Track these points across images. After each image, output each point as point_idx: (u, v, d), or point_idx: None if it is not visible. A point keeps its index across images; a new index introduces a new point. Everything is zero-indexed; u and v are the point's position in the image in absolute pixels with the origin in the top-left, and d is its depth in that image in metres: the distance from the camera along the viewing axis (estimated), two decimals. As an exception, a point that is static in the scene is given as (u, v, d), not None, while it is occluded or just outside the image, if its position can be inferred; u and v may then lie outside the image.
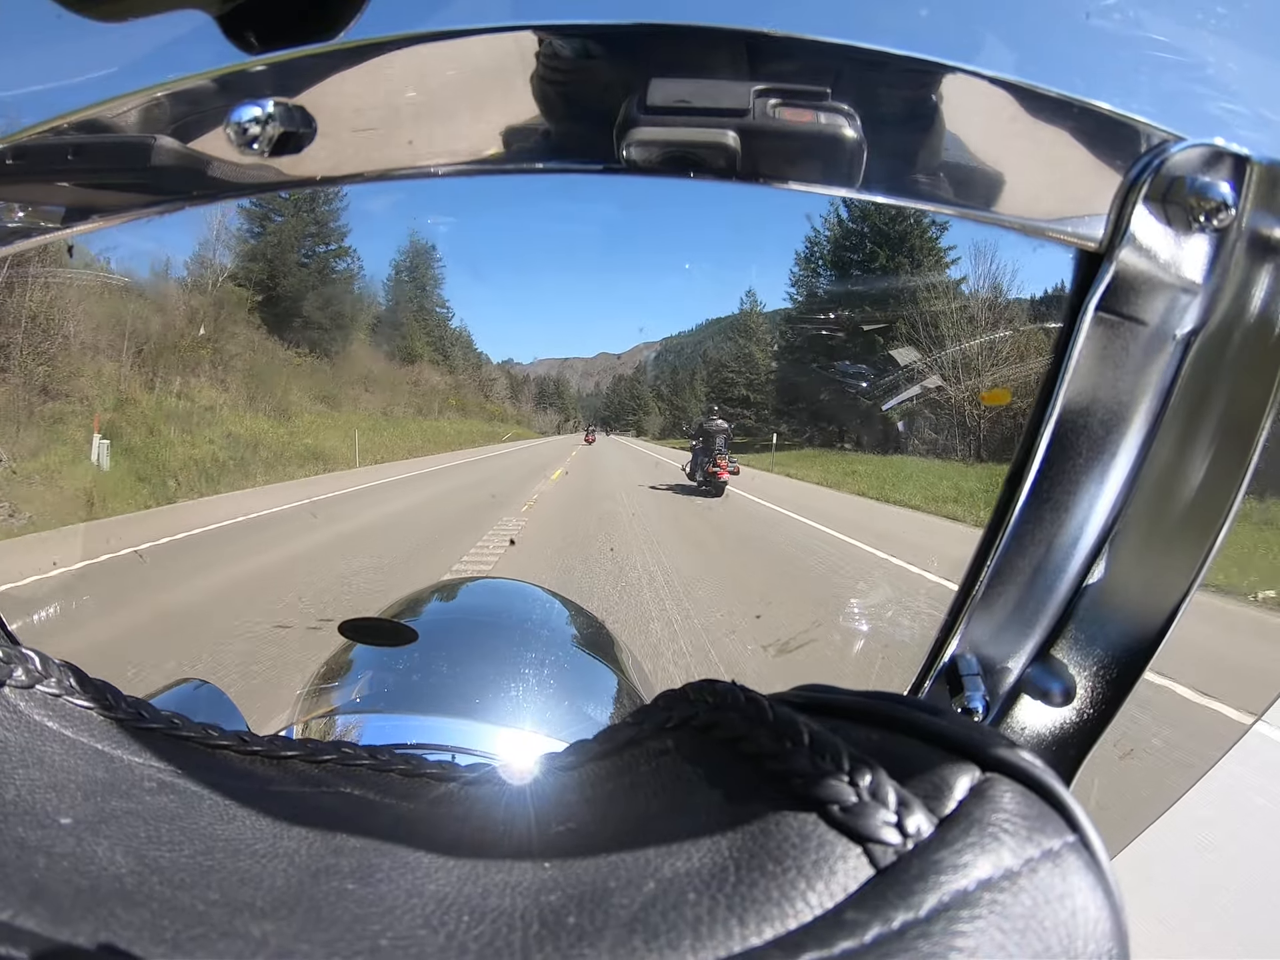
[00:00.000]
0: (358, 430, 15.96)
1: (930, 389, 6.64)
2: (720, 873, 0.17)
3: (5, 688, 0.25)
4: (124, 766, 0.24)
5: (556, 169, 0.36)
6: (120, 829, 0.20)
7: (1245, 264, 0.35)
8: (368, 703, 0.66)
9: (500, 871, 0.19)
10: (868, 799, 0.18)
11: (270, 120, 0.34)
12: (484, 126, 0.35)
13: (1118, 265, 0.36)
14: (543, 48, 0.33)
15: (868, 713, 0.22)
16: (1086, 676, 0.42)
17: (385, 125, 0.35)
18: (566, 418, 49.68)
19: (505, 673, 0.69)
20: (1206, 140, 0.34)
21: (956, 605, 0.44)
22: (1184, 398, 0.38)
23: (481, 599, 1.03)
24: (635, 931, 0.16)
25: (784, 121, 0.33)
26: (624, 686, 0.78)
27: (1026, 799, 0.18)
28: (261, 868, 0.19)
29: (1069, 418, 0.39)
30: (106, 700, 0.26)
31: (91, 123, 0.36)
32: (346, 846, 0.21)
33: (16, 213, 0.39)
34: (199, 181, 0.36)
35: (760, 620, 4.08)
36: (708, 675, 0.25)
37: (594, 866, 0.19)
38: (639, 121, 0.33)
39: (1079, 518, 0.41)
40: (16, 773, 0.21)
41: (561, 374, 61.78)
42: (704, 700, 0.24)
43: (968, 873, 0.16)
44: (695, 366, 41.83)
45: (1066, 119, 0.34)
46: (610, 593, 4.44)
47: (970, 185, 0.35)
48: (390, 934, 0.17)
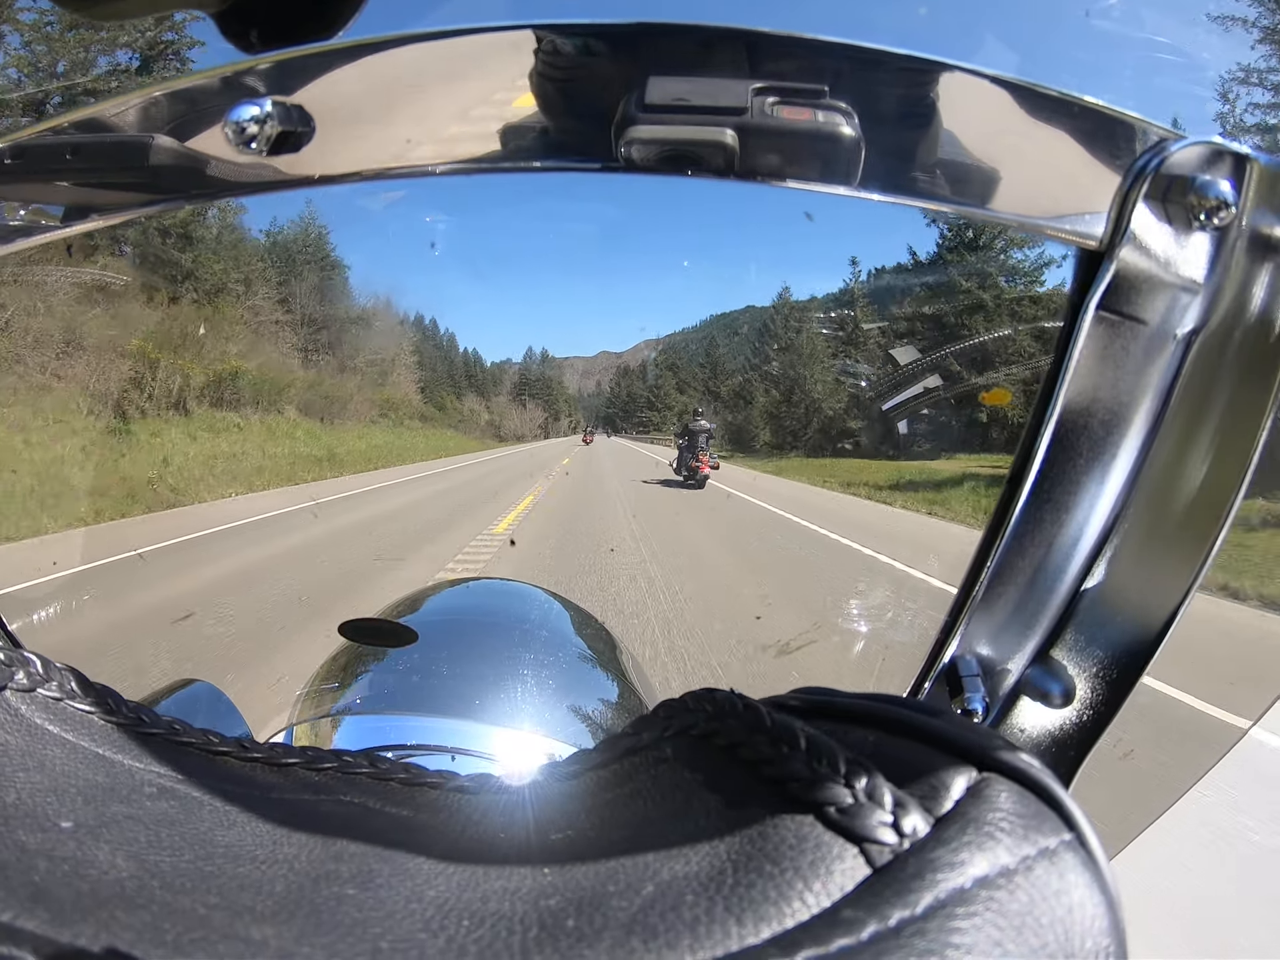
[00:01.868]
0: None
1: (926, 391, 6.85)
2: (718, 875, 0.17)
3: (7, 691, 0.25)
4: (124, 771, 0.24)
5: (555, 167, 0.36)
6: (121, 833, 0.20)
7: (1246, 263, 0.35)
8: (367, 703, 0.66)
9: (500, 877, 0.19)
10: (864, 800, 0.18)
11: (269, 119, 0.34)
12: (482, 125, 0.35)
13: (1118, 264, 0.36)
14: (541, 46, 0.33)
15: (865, 715, 0.22)
16: (1086, 678, 0.42)
17: (383, 124, 0.35)
18: (556, 415, 43.99)
19: (505, 673, 0.69)
20: (1207, 139, 0.34)
21: (956, 606, 0.44)
22: (1184, 397, 0.38)
23: (482, 599, 1.03)
24: (634, 933, 0.16)
25: (782, 120, 0.33)
26: (624, 687, 0.78)
27: (1023, 798, 0.18)
28: (262, 873, 0.19)
29: (1069, 418, 0.39)
30: (108, 704, 0.27)
31: (91, 123, 0.36)
32: (346, 853, 0.21)
33: (16, 212, 0.39)
34: (198, 181, 0.36)
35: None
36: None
37: (593, 871, 0.19)
38: (637, 120, 0.33)
39: (1079, 518, 0.41)
40: (17, 776, 0.21)
41: (551, 366, 58.43)
42: (703, 708, 0.24)
43: (964, 871, 0.16)
44: (703, 360, 40.64)
45: (1066, 118, 0.34)
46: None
47: (970, 183, 0.35)
48: (390, 937, 0.17)
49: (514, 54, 0.34)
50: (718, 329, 46.81)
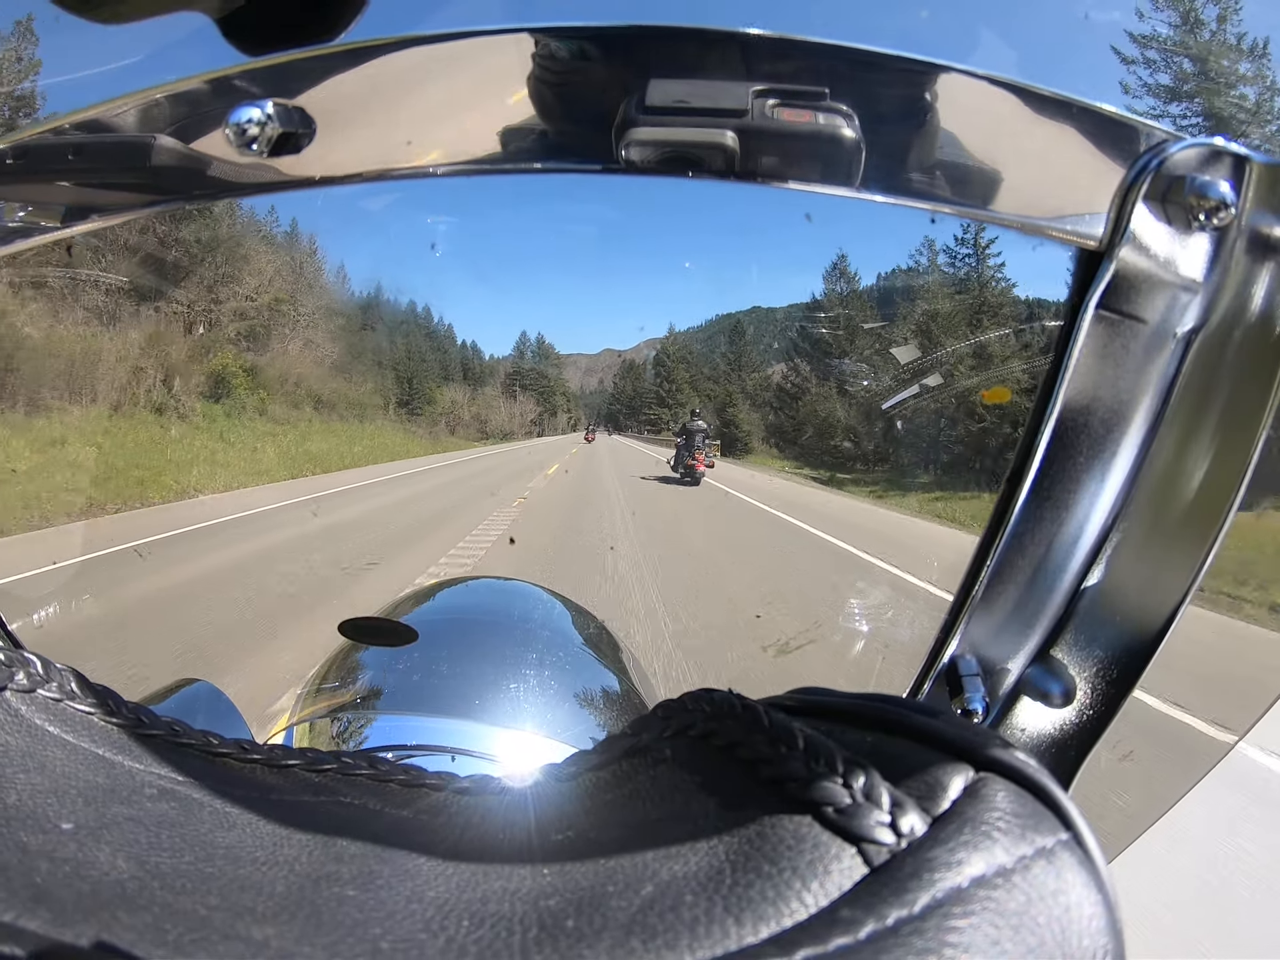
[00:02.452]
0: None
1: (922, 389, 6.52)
2: (717, 875, 0.17)
3: (7, 692, 0.25)
4: (125, 772, 0.24)
5: (555, 169, 0.36)
6: (121, 834, 0.20)
7: (1245, 263, 0.35)
8: (367, 703, 0.66)
9: (499, 878, 0.19)
10: (861, 800, 0.18)
11: (269, 121, 0.34)
12: (483, 127, 0.35)
13: (1118, 264, 0.36)
14: (541, 49, 0.33)
15: (863, 715, 0.22)
16: (1086, 678, 0.42)
17: (384, 126, 0.35)
18: (554, 410, 38.90)
19: (505, 673, 0.69)
20: (1206, 139, 0.34)
21: (956, 606, 0.44)
22: (1184, 397, 0.38)
23: (482, 599, 1.03)
24: (633, 933, 0.16)
25: (783, 122, 0.33)
26: (624, 687, 0.78)
27: (1020, 797, 0.18)
28: (262, 874, 0.20)
29: (1069, 417, 0.39)
30: (108, 706, 0.27)
31: (91, 123, 0.36)
32: (347, 854, 0.21)
33: (16, 213, 0.39)
34: (198, 181, 0.36)
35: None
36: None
37: (592, 872, 0.19)
38: (638, 122, 0.33)
39: (1079, 517, 0.41)
40: (18, 777, 0.21)
41: (550, 360, 53.07)
42: (701, 709, 0.24)
43: (961, 870, 0.16)
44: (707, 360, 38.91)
45: (1066, 118, 0.34)
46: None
47: (970, 184, 0.35)
48: (391, 938, 0.17)
49: (515, 57, 0.34)
50: (721, 329, 45.76)
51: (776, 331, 37.64)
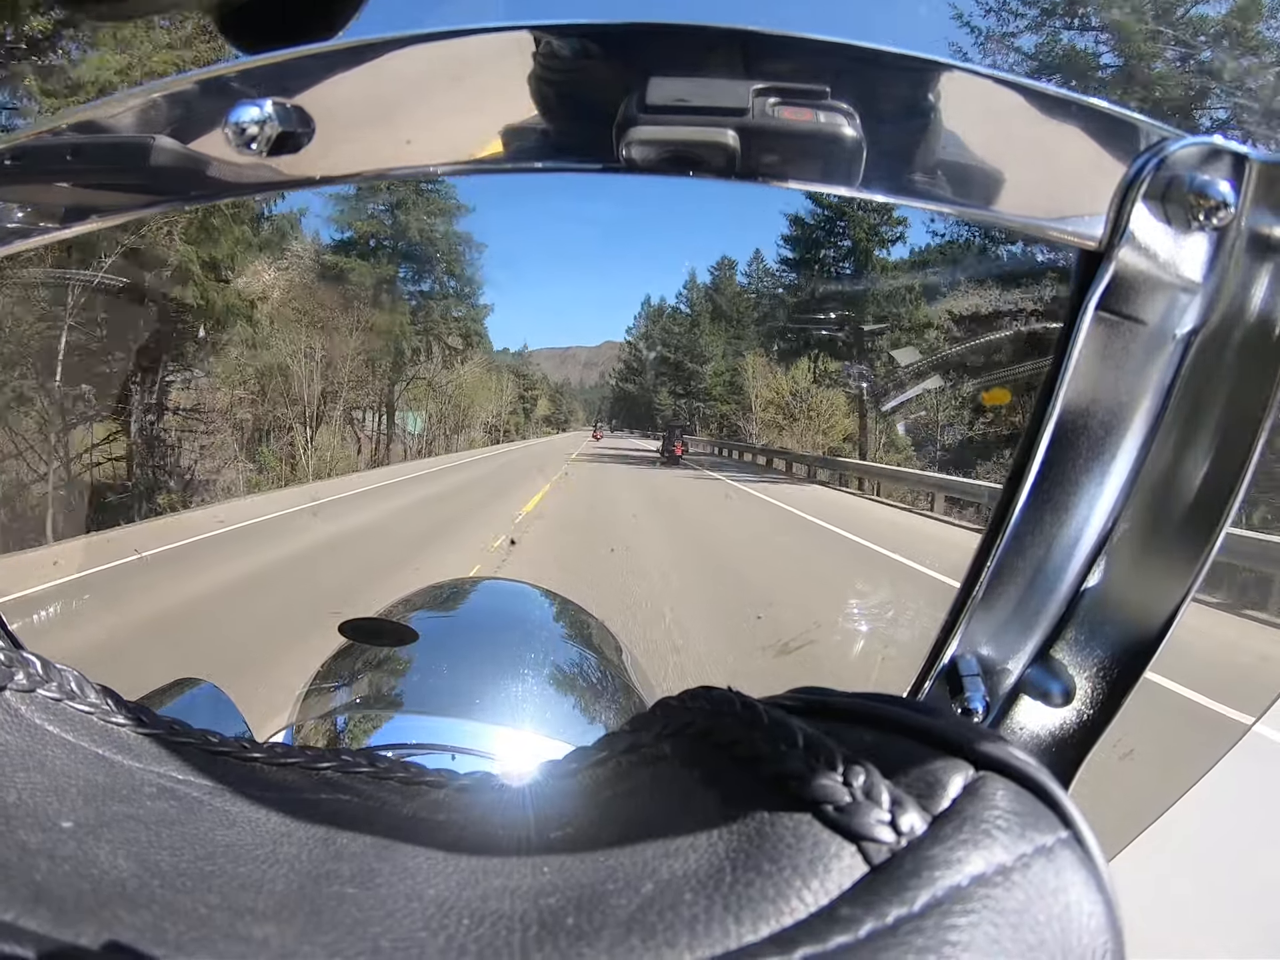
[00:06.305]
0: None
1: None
2: (717, 873, 0.17)
3: (6, 691, 0.25)
4: (124, 771, 0.24)
5: (556, 168, 0.36)
6: (121, 833, 0.20)
7: (1245, 263, 0.35)
8: (367, 703, 0.66)
9: (499, 876, 0.19)
10: (861, 798, 0.18)
11: (269, 120, 0.34)
12: (483, 126, 0.35)
13: (1117, 264, 0.36)
14: (541, 47, 0.33)
15: (862, 714, 0.22)
16: (1086, 677, 0.42)
17: (384, 125, 0.35)
18: (526, 413, 37.27)
19: (506, 673, 0.69)
20: (1206, 139, 0.34)
21: (956, 606, 0.44)
22: (1184, 397, 0.38)
23: (482, 599, 1.03)
24: (633, 931, 0.16)
25: (783, 120, 0.33)
26: (624, 686, 0.78)
27: (1019, 796, 0.18)
28: (262, 873, 0.20)
29: (1069, 418, 0.39)
30: (107, 705, 0.27)
31: (91, 123, 0.36)
32: (346, 852, 0.21)
33: (16, 213, 0.39)
34: (198, 181, 0.36)
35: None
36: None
37: (592, 870, 0.19)
38: (638, 120, 0.33)
39: (1079, 518, 0.41)
40: (17, 776, 0.21)
41: (525, 361, 48.70)
42: (700, 707, 0.24)
43: (961, 868, 0.16)
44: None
45: (1066, 117, 0.34)
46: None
47: (970, 184, 0.35)
48: (391, 936, 0.17)
49: (515, 55, 0.34)
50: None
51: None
